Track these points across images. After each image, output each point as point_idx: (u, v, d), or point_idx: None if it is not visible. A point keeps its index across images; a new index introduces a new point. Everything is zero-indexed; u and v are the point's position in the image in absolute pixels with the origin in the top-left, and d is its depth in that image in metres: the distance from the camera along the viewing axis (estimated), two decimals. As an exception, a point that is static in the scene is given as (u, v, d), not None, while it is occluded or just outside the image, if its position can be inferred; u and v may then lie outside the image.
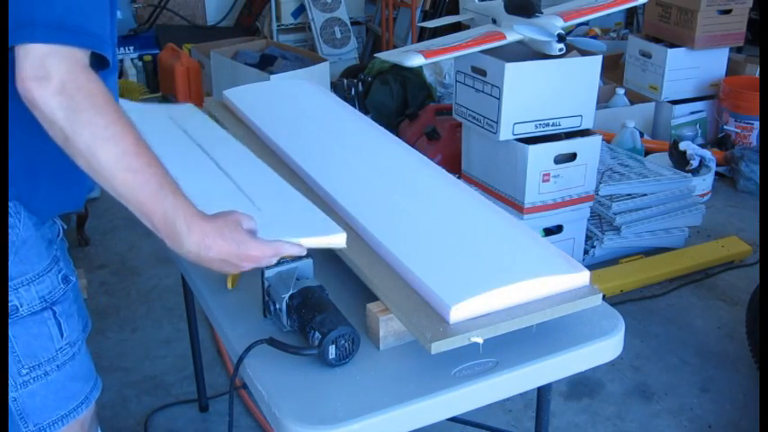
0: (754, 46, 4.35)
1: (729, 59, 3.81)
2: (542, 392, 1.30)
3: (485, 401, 1.11)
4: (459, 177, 2.27)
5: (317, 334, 1.10)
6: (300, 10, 4.92)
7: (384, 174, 1.48)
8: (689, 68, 3.70)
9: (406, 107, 3.73)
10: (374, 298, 1.17)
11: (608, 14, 2.63)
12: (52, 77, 0.98)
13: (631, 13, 5.19)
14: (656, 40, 3.76)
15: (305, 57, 3.92)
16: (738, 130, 3.68)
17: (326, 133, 1.66)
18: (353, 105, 3.67)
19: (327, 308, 1.13)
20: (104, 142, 1.00)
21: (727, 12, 3.63)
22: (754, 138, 3.67)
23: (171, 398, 2.20)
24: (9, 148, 1.11)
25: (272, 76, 3.42)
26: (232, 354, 1.17)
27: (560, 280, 1.15)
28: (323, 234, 1.17)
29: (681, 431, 2.07)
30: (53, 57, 0.98)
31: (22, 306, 1.16)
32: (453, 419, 1.81)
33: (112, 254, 2.95)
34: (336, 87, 3.90)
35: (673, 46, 3.67)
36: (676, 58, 3.66)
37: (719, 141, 3.71)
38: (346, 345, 1.10)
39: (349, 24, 4.87)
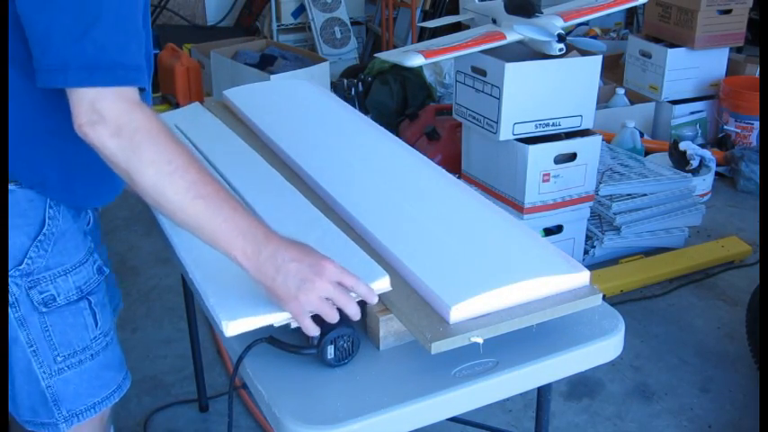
0: (754, 46, 4.35)
1: (729, 59, 3.81)
2: (542, 392, 1.30)
3: (485, 401, 1.11)
4: (459, 177, 2.27)
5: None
6: (300, 10, 4.92)
7: (384, 174, 1.48)
8: (689, 68, 3.70)
9: (406, 107, 3.73)
10: (374, 298, 1.17)
11: (608, 14, 2.63)
12: (106, 121, 0.98)
13: (631, 13, 5.19)
14: (656, 40, 3.76)
15: (305, 57, 3.92)
16: (738, 130, 3.68)
17: (327, 133, 1.66)
18: (353, 105, 3.67)
19: (328, 307, 1.13)
20: (170, 177, 1.00)
21: (728, 12, 3.63)
22: (754, 138, 3.67)
23: (171, 398, 2.20)
24: (41, 153, 1.13)
25: (272, 76, 3.43)
26: (232, 353, 1.17)
27: (560, 280, 1.15)
28: (369, 282, 1.12)
29: (681, 431, 2.07)
30: (104, 99, 0.98)
31: (59, 296, 1.19)
32: (453, 419, 1.81)
33: (112, 254, 2.92)
34: (336, 87, 3.90)
35: (673, 46, 3.67)
36: (676, 58, 3.65)
37: (719, 141, 3.71)
38: (345, 345, 1.10)
39: (349, 24, 4.87)
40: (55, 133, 1.11)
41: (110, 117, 0.98)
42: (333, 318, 1.06)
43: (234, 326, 1.07)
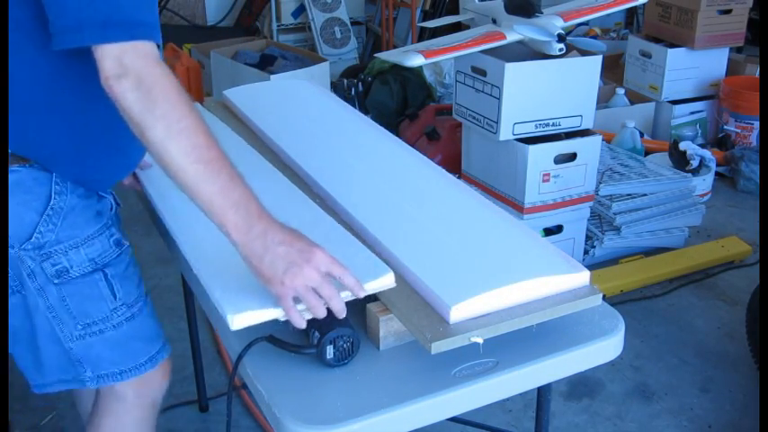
0: (754, 46, 4.35)
1: (729, 59, 3.81)
2: (542, 392, 1.30)
3: (485, 401, 1.11)
4: (459, 177, 2.27)
5: (317, 333, 1.10)
6: (300, 10, 4.92)
7: (384, 174, 1.48)
8: (689, 68, 3.70)
9: (406, 107, 3.73)
10: (374, 298, 1.17)
11: (608, 14, 2.63)
12: (129, 74, 1.01)
13: (631, 13, 5.19)
14: (656, 40, 3.76)
15: (305, 57, 3.92)
16: (738, 130, 3.68)
17: (327, 133, 1.66)
18: (353, 105, 3.67)
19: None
20: (177, 135, 1.02)
21: (728, 12, 3.63)
22: (754, 138, 3.67)
23: (171, 398, 2.19)
24: (53, 126, 1.15)
25: (272, 76, 3.43)
26: (231, 352, 1.17)
27: (560, 280, 1.15)
28: (373, 278, 1.12)
29: (681, 431, 2.07)
30: (128, 54, 1.01)
31: (72, 268, 1.21)
32: (453, 419, 1.81)
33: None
34: (336, 87, 3.90)
35: (673, 46, 3.67)
36: (676, 58, 3.65)
37: (719, 141, 3.71)
38: (345, 346, 1.10)
39: (349, 24, 4.87)
40: (66, 106, 1.14)
41: (133, 70, 1.01)
42: (318, 310, 1.06)
43: (239, 319, 1.07)
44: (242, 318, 1.07)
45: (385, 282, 1.13)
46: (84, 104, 1.13)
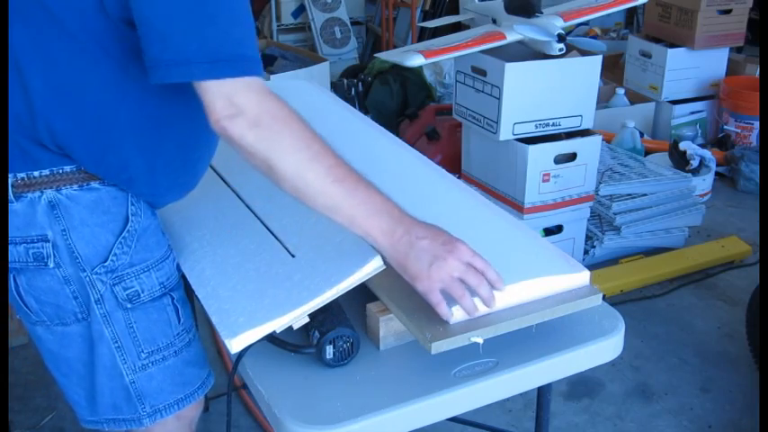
0: (754, 46, 4.35)
1: (729, 59, 3.81)
2: (542, 392, 1.30)
3: (485, 401, 1.11)
4: (459, 177, 2.27)
5: (317, 333, 1.10)
6: (300, 10, 4.92)
7: (384, 174, 1.47)
8: (689, 68, 3.70)
9: (406, 107, 3.73)
10: (374, 298, 1.17)
11: (608, 14, 2.63)
12: (245, 113, 1.00)
13: (631, 13, 5.19)
14: (656, 40, 3.77)
15: (305, 57, 3.93)
16: (738, 130, 3.68)
17: (326, 133, 1.65)
18: (353, 105, 3.67)
19: (331, 308, 1.13)
20: (310, 163, 1.04)
21: (727, 12, 3.63)
22: (754, 138, 3.67)
23: (171, 398, 2.20)
24: (130, 148, 1.12)
25: (272, 76, 3.43)
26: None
27: (560, 280, 1.15)
28: (364, 263, 1.13)
29: (681, 431, 2.08)
30: (240, 92, 1.00)
31: (143, 292, 1.19)
32: (453, 419, 1.81)
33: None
34: (336, 87, 3.90)
35: (673, 46, 3.67)
36: (676, 58, 3.66)
37: (719, 141, 3.71)
38: (345, 346, 1.10)
39: (349, 24, 4.87)
40: (141, 127, 1.11)
41: (248, 109, 1.00)
42: (465, 300, 1.07)
43: (237, 341, 1.08)
44: (239, 340, 1.08)
45: (375, 265, 1.14)
46: (162, 127, 1.11)
